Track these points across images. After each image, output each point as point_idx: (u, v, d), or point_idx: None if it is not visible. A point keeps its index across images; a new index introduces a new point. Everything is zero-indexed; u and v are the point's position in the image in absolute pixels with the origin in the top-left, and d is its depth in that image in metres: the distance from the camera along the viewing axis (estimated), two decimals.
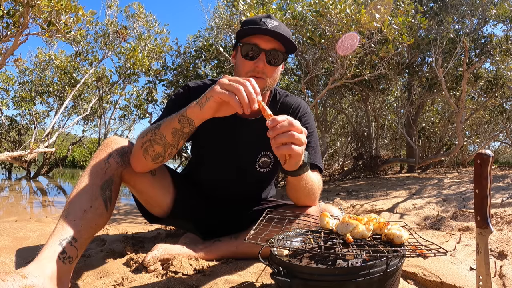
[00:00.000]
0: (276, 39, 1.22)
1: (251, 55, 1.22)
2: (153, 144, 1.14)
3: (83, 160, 12.68)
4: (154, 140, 1.13)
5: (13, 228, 1.87)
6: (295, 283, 0.81)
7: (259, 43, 1.21)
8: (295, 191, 1.28)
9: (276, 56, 1.24)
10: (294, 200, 1.35)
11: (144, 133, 1.17)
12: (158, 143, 1.13)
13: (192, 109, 1.06)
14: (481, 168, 0.85)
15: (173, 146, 1.14)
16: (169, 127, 1.10)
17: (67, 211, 1.08)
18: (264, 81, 1.24)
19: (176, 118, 1.09)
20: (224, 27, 4.19)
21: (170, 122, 1.10)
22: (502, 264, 1.26)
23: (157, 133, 1.12)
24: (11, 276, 0.86)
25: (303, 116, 1.41)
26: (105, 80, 7.12)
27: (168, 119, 1.11)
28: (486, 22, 4.99)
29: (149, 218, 1.46)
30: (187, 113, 1.07)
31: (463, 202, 2.46)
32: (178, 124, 1.09)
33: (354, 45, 3.26)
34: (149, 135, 1.15)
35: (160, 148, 1.14)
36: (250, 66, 1.22)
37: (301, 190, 1.25)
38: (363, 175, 5.40)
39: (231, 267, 1.25)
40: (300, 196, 1.29)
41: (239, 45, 1.24)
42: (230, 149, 1.37)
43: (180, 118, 1.08)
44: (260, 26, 1.22)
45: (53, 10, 2.92)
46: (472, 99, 5.95)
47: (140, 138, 1.18)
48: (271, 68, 1.24)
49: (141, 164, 1.20)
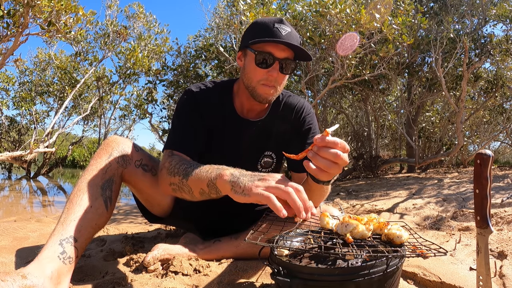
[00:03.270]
0: (290, 48, 1.20)
1: (265, 63, 1.20)
2: (181, 191, 1.10)
3: (83, 160, 12.68)
4: (182, 189, 1.09)
5: (13, 228, 1.87)
6: (295, 283, 0.81)
7: (273, 52, 1.18)
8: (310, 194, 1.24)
9: (289, 64, 1.22)
10: None
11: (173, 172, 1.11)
12: (186, 193, 1.09)
13: (223, 184, 0.94)
14: (481, 168, 0.85)
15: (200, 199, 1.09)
16: (198, 185, 1.04)
17: (67, 211, 1.08)
18: (275, 90, 1.23)
19: (205, 181, 1.00)
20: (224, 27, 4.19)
21: (198, 181, 1.03)
22: (502, 264, 1.26)
23: (185, 184, 1.07)
24: (11, 276, 0.86)
25: (307, 116, 1.41)
26: (105, 80, 7.13)
27: (197, 174, 1.03)
28: (486, 22, 4.99)
29: (150, 217, 1.46)
30: (217, 183, 0.97)
31: (463, 202, 2.46)
32: (206, 188, 1.02)
33: (354, 45, 3.26)
34: (177, 178, 1.09)
35: (187, 197, 1.11)
36: (263, 75, 1.20)
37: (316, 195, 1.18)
38: (363, 175, 5.40)
39: (231, 267, 1.25)
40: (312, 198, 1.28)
41: (253, 52, 1.20)
42: (232, 149, 1.37)
43: (209, 183, 1.00)
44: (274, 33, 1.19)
45: (53, 10, 2.92)
46: (472, 99, 5.96)
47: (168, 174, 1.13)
48: (283, 76, 1.23)
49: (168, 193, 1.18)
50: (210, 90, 1.35)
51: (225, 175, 0.94)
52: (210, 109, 1.32)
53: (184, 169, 1.09)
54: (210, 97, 1.33)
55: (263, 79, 1.20)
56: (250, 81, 1.23)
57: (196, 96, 1.33)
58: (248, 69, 1.24)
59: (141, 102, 5.79)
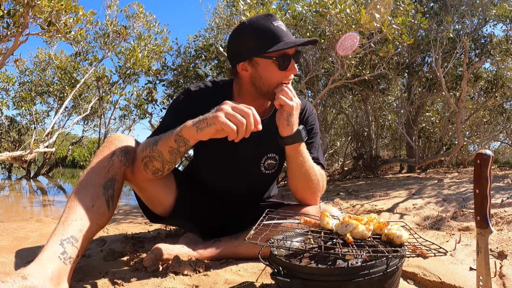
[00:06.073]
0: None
1: (286, 65, 1.22)
2: (152, 160, 1.16)
3: (83, 160, 12.67)
4: (152, 156, 1.16)
5: (13, 228, 1.87)
6: (295, 283, 0.81)
7: (289, 52, 1.22)
8: (294, 178, 1.32)
9: (299, 55, 1.27)
10: (293, 189, 1.37)
11: (144, 147, 1.19)
12: (157, 160, 1.16)
13: (188, 130, 1.07)
14: (481, 168, 0.85)
15: (171, 163, 1.17)
16: (166, 145, 1.12)
17: (69, 210, 1.07)
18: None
19: (172, 137, 1.11)
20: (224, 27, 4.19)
21: (166, 141, 1.12)
22: (502, 264, 1.26)
23: (155, 150, 1.15)
24: (11, 277, 0.85)
25: (310, 116, 1.43)
26: (105, 80, 7.12)
27: (165, 137, 1.13)
28: (486, 22, 4.98)
29: (151, 217, 1.46)
30: (183, 133, 1.08)
31: (463, 202, 2.46)
32: (174, 143, 1.11)
33: (354, 45, 3.26)
34: (147, 150, 1.17)
35: (158, 164, 1.17)
36: (284, 75, 1.23)
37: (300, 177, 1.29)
38: (363, 175, 5.39)
39: (231, 267, 1.25)
40: (299, 183, 1.32)
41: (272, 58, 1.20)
42: (235, 151, 1.36)
43: (176, 137, 1.10)
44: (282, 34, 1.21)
45: (53, 10, 2.92)
46: (472, 99, 5.95)
47: (140, 152, 1.20)
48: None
49: (142, 176, 1.23)
50: (209, 89, 1.35)
51: (187, 124, 1.08)
52: (208, 108, 1.32)
53: (153, 139, 1.18)
54: (209, 96, 1.33)
55: (283, 78, 1.23)
56: (271, 86, 1.24)
57: (194, 95, 1.33)
58: (266, 76, 1.23)
59: (141, 102, 5.78)
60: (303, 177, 1.30)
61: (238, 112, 1.02)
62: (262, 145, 1.36)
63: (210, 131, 1.04)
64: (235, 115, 1.01)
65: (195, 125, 1.06)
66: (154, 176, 1.22)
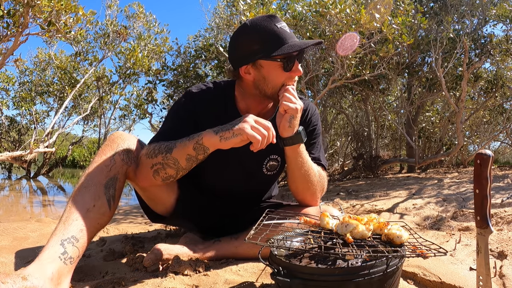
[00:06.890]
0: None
1: (291, 66, 1.21)
2: (165, 168, 1.16)
3: (83, 160, 12.68)
4: (166, 164, 1.15)
5: (13, 228, 1.87)
6: (295, 283, 0.81)
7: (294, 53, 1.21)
8: (294, 179, 1.32)
9: (301, 58, 1.26)
10: (294, 191, 1.37)
11: (153, 154, 1.17)
12: (171, 167, 1.15)
13: (209, 138, 1.08)
14: (481, 168, 0.85)
15: (186, 170, 1.17)
16: (183, 152, 1.12)
17: (69, 210, 1.06)
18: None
19: (190, 145, 1.10)
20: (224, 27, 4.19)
21: (184, 148, 1.12)
22: (502, 264, 1.26)
23: (170, 158, 1.14)
24: (11, 278, 0.85)
25: (312, 117, 1.42)
26: (105, 80, 7.12)
27: (181, 144, 1.12)
28: (486, 22, 4.99)
29: (152, 216, 1.45)
30: (203, 141, 1.09)
31: (463, 202, 2.46)
32: (193, 151, 1.11)
33: (354, 45, 3.26)
34: (159, 157, 1.15)
35: (172, 172, 1.16)
36: (289, 76, 1.23)
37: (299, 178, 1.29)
38: (363, 175, 5.39)
39: (231, 267, 1.25)
40: (298, 184, 1.32)
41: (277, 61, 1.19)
42: (237, 153, 1.36)
43: (196, 145, 1.10)
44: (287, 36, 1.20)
45: (53, 10, 2.92)
46: (472, 99, 5.95)
47: (148, 158, 1.17)
48: None
49: (149, 181, 1.22)
50: (210, 90, 1.35)
51: (208, 132, 1.09)
52: (209, 109, 1.32)
53: (165, 146, 1.16)
54: (211, 98, 1.32)
55: (288, 80, 1.23)
56: (275, 88, 1.23)
57: (195, 97, 1.33)
58: (270, 78, 1.22)
59: (141, 102, 5.79)
60: (303, 178, 1.29)
61: (261, 125, 1.07)
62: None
63: (236, 141, 1.06)
64: (259, 128, 1.06)
65: (218, 135, 1.07)
66: (163, 183, 1.21)
